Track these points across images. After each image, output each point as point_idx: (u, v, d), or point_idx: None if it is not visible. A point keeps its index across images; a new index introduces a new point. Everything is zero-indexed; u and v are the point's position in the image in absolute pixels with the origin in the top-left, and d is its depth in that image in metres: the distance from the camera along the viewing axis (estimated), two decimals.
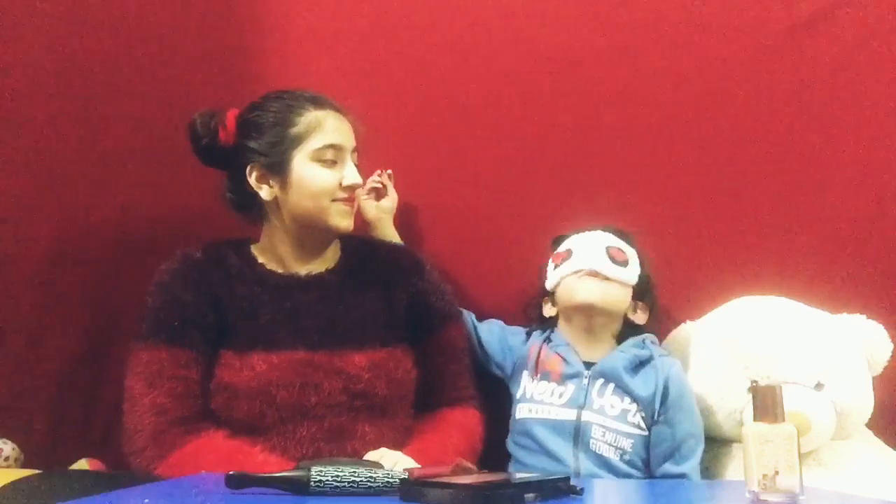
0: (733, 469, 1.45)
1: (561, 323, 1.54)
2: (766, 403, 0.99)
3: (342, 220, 1.41)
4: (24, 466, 1.57)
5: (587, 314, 1.49)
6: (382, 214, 1.63)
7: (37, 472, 1.33)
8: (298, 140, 1.39)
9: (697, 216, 1.69)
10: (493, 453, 1.49)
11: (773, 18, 1.70)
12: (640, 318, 1.53)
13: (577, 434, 1.42)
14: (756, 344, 1.48)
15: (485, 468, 1.34)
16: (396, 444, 1.34)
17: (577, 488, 1.01)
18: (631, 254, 1.52)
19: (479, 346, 1.59)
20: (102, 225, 1.71)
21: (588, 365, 1.47)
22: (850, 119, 1.68)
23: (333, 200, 1.39)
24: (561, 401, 1.45)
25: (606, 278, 1.47)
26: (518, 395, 1.51)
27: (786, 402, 1.00)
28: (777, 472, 0.95)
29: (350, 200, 1.42)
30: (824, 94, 1.69)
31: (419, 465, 1.25)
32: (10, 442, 1.58)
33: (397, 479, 1.00)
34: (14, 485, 1.16)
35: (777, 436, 0.97)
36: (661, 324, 1.61)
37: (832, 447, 1.47)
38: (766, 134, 1.69)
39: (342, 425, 1.34)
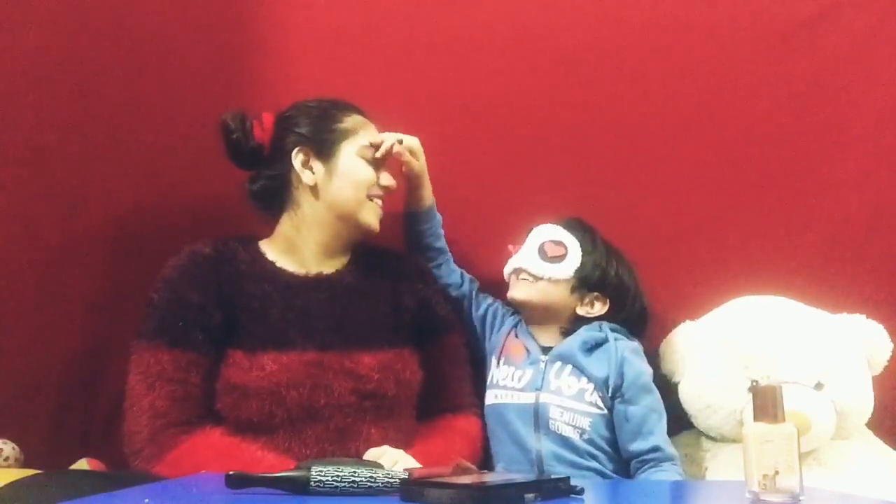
0: (733, 469, 1.45)
1: None
2: (766, 403, 0.99)
3: (373, 219, 1.46)
4: (24, 466, 1.57)
5: (523, 309, 1.55)
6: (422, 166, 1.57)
7: (37, 472, 1.33)
8: (348, 133, 1.46)
9: (697, 216, 1.69)
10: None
11: (773, 19, 1.70)
12: (596, 310, 1.52)
13: (537, 416, 1.44)
14: (756, 344, 1.48)
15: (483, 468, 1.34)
16: (400, 446, 1.34)
17: (578, 488, 1.01)
18: (572, 246, 1.52)
19: (472, 310, 1.61)
20: (102, 225, 1.71)
21: (546, 350, 1.50)
22: (851, 119, 1.68)
23: (369, 197, 1.45)
24: (520, 384, 1.48)
25: (535, 276, 1.50)
26: (487, 382, 1.54)
27: (786, 402, 1.00)
28: (777, 472, 0.95)
29: (381, 202, 1.47)
30: (825, 94, 1.69)
31: (419, 465, 1.25)
32: (10, 442, 1.58)
33: (397, 479, 1.00)
34: (14, 485, 1.16)
35: (777, 436, 0.97)
36: (661, 324, 1.61)
37: (832, 447, 1.47)
38: (766, 134, 1.69)
39: (348, 426, 1.34)
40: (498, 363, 1.53)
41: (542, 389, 1.46)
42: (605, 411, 1.44)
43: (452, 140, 1.69)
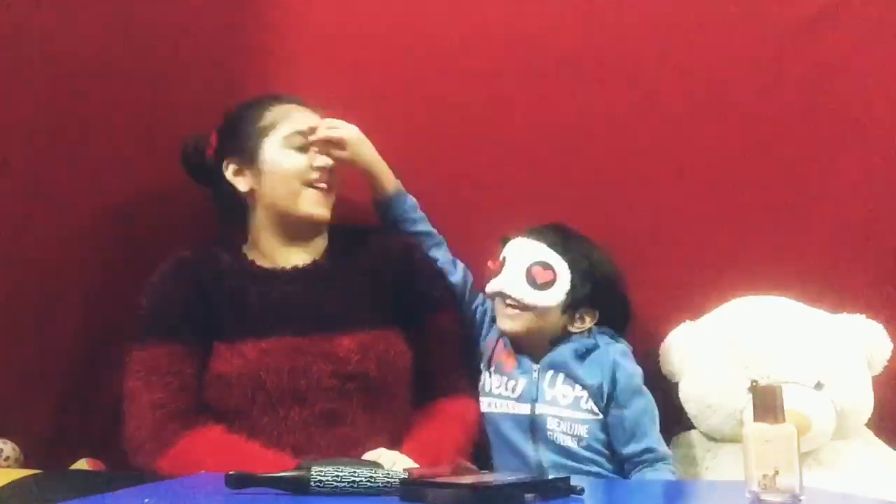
0: (733, 469, 1.45)
1: None
2: (766, 403, 0.99)
3: (315, 208, 1.44)
4: (24, 466, 1.57)
5: (510, 334, 1.50)
6: (358, 152, 1.50)
7: (37, 472, 1.33)
8: (266, 130, 1.45)
9: (697, 216, 1.69)
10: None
11: (773, 19, 1.70)
12: (585, 324, 1.48)
13: (534, 427, 1.43)
14: (756, 344, 1.48)
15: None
16: (391, 433, 1.35)
17: (578, 488, 1.01)
18: (560, 268, 1.44)
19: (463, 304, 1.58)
20: (102, 226, 1.71)
21: (538, 358, 1.47)
22: (851, 119, 1.68)
23: (305, 185, 1.43)
24: (514, 394, 1.46)
25: (524, 305, 1.44)
26: (479, 386, 1.51)
27: (786, 402, 1.00)
28: (777, 472, 0.95)
29: (322, 185, 1.44)
30: (825, 94, 1.69)
31: (418, 465, 1.25)
32: (10, 442, 1.58)
33: (397, 479, 1.00)
34: (14, 485, 1.17)
35: (777, 436, 0.97)
36: (661, 324, 1.61)
37: (832, 447, 1.47)
38: (766, 134, 1.69)
39: (334, 410, 1.35)
40: (489, 371, 1.51)
41: (538, 400, 1.44)
42: (601, 416, 1.43)
43: (451, 140, 1.69)
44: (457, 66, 1.73)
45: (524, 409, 1.44)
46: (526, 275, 1.44)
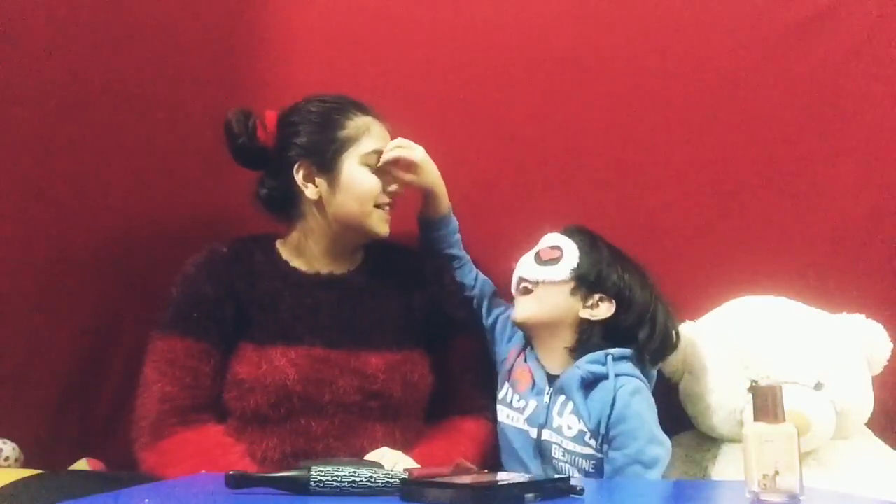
0: (733, 469, 1.45)
1: None
2: (766, 403, 0.99)
3: (382, 226, 1.44)
4: (24, 466, 1.57)
5: (527, 331, 1.49)
6: (424, 174, 1.50)
7: (37, 472, 1.33)
8: (349, 142, 1.42)
9: (697, 216, 1.69)
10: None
11: (773, 19, 1.70)
12: (601, 311, 1.42)
13: (540, 451, 1.42)
14: (756, 344, 1.48)
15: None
16: (405, 447, 1.34)
17: (578, 488, 1.01)
18: (568, 248, 1.45)
19: (483, 316, 1.59)
20: (104, 227, 1.71)
21: (553, 379, 1.43)
22: (851, 119, 1.68)
23: (376, 205, 1.42)
24: (525, 414, 1.44)
25: (532, 282, 1.45)
26: (499, 397, 1.50)
27: (786, 402, 1.00)
28: (777, 472, 0.95)
29: (390, 207, 1.45)
30: (824, 94, 1.69)
31: (419, 466, 1.25)
32: (10, 442, 1.58)
33: (397, 479, 1.00)
34: (14, 485, 1.17)
35: (777, 436, 0.97)
36: None
37: (832, 447, 1.47)
38: (766, 133, 1.69)
39: (354, 424, 1.35)
40: (507, 382, 1.49)
41: (545, 426, 1.41)
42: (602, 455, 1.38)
43: (453, 139, 1.69)
44: (456, 66, 1.74)
45: (532, 432, 1.42)
46: (535, 256, 1.48)
